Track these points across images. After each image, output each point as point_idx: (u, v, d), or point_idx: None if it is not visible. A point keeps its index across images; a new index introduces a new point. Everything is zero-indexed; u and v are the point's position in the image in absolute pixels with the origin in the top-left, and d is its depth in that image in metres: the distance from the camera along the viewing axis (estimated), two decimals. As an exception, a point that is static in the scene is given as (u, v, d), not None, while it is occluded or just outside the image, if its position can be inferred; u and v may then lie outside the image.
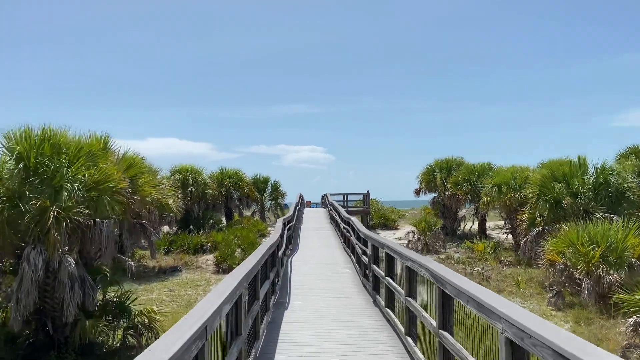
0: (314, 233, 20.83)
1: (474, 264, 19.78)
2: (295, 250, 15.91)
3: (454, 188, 25.48)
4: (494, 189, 20.90)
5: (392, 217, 32.56)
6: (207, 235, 25.37)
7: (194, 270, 19.79)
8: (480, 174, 25.15)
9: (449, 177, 26.82)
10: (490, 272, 18.20)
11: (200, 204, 28.00)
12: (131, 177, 10.88)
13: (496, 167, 25.75)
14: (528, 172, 21.20)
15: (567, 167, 15.70)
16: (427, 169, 28.49)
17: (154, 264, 21.32)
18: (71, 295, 8.24)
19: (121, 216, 9.91)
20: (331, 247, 16.77)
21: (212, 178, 30.09)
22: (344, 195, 34.39)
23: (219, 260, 19.24)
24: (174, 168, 27.98)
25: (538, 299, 14.05)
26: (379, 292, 7.72)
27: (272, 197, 33.69)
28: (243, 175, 31.18)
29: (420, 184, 28.96)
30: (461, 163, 27.82)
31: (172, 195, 20.14)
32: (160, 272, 19.49)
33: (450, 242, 25.15)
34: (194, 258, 22.53)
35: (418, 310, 4.82)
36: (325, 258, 14.34)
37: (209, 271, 19.58)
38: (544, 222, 15.58)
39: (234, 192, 30.58)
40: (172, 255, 22.99)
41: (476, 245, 21.39)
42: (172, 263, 21.03)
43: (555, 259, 12.61)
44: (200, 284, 17.19)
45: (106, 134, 10.77)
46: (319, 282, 10.27)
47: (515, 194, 20.25)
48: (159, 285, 17.34)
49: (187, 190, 27.30)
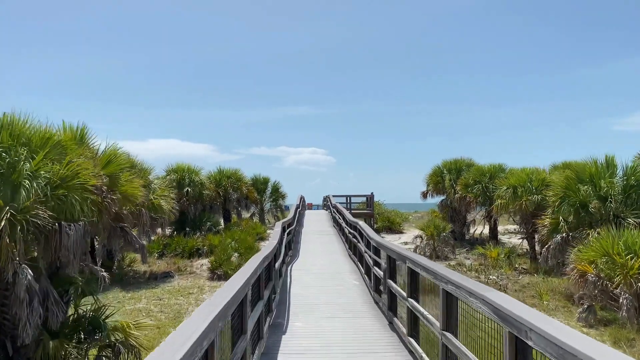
0: (316, 237, 19.48)
1: (487, 271, 18.45)
2: (295, 256, 14.56)
3: (464, 190, 24.14)
4: (508, 191, 19.56)
5: (397, 221, 31.21)
6: (203, 238, 24.08)
7: (187, 276, 18.48)
8: (492, 175, 23.82)
9: (458, 179, 25.49)
10: (507, 281, 16.88)
11: (197, 205, 26.70)
12: (110, 174, 9.55)
13: (508, 168, 24.42)
14: (544, 173, 19.87)
15: (594, 167, 14.35)
16: (434, 171, 27.15)
17: (145, 268, 20.03)
18: (29, 312, 6.93)
19: (96, 218, 8.56)
20: (335, 254, 15.39)
21: (209, 178, 28.78)
22: (347, 197, 33.01)
23: (214, 265, 17.93)
24: (170, 167, 26.70)
25: (564, 313, 12.72)
26: (396, 314, 6.42)
27: (272, 199, 32.32)
28: (242, 176, 29.86)
29: (428, 186, 27.60)
30: (471, 164, 26.49)
31: (165, 195, 18.86)
32: (152, 278, 18.18)
33: (460, 247, 23.81)
34: (188, 262, 21.24)
35: (463, 352, 3.52)
36: (328, 266, 12.96)
37: (203, 277, 18.26)
38: (568, 227, 14.22)
39: (232, 193, 29.24)
40: (165, 259, 21.71)
41: (489, 252, 20.04)
42: (165, 268, 19.73)
43: (586, 270, 11.27)
44: (192, 292, 15.87)
45: (83, 125, 9.46)
46: (322, 297, 8.87)
47: (532, 196, 18.91)
48: (149, 292, 16.02)
49: (183, 190, 26.01)
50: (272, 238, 8.83)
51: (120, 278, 17.74)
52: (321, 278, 10.96)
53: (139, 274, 19.01)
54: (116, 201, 9.47)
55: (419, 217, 43.46)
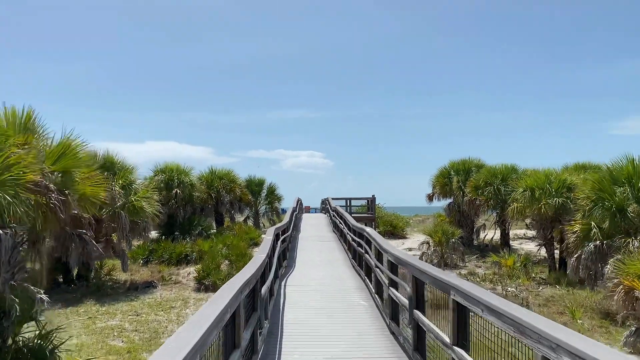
0: (314, 244, 17.64)
1: (503, 282, 16.71)
2: (291, 267, 12.70)
3: (474, 193, 22.43)
4: (525, 193, 17.82)
5: (400, 225, 29.46)
6: (192, 243, 22.29)
7: (171, 287, 16.68)
8: (504, 177, 22.10)
9: (467, 180, 23.78)
10: (527, 294, 15.14)
11: (187, 207, 24.92)
12: (63, 170, 7.76)
13: (521, 169, 22.73)
14: (565, 174, 18.15)
15: (631, 167, 12.63)
16: (441, 172, 25.41)
17: (127, 277, 18.24)
18: None
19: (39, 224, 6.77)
20: (336, 264, 13.51)
21: (200, 179, 27.01)
22: (347, 199, 31.21)
23: (201, 275, 16.13)
24: (158, 167, 24.92)
25: (603, 334, 10.96)
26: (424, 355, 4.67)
27: (268, 201, 30.51)
28: (235, 177, 28.08)
29: (434, 189, 25.86)
30: (480, 165, 24.79)
31: (147, 197, 17.07)
32: (132, 289, 16.37)
33: (469, 254, 22.06)
34: (175, 270, 19.46)
35: None
36: (330, 281, 10.90)
37: (189, 288, 16.47)
38: (602, 234, 12.49)
39: (225, 195, 27.46)
40: (151, 266, 19.94)
41: (504, 260, 18.31)
42: (148, 277, 17.93)
43: (634, 286, 9.53)
44: (175, 306, 14.07)
45: (30, 109, 7.66)
46: (324, 324, 6.99)
47: (552, 199, 17.19)
48: (126, 306, 14.22)
49: (171, 192, 24.22)
50: (261, 250, 6.96)
51: (97, 288, 15.96)
52: (321, 296, 9.05)
53: (119, 283, 17.21)
54: (69, 203, 7.67)
55: (420, 221, 41.75)
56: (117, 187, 16.17)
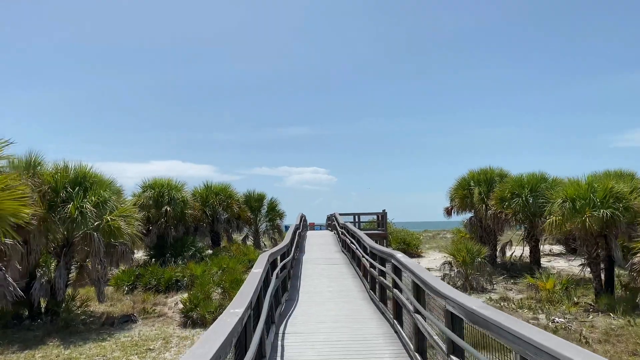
0: (321, 269, 15.01)
1: (545, 309, 14.17)
2: (293, 301, 9.89)
3: (499, 205, 19.94)
4: (565, 205, 15.32)
5: (414, 242, 26.90)
6: (183, 267, 19.84)
7: (154, 320, 14.19)
8: (532, 187, 19.63)
9: (490, 192, 21.33)
10: (578, 325, 12.58)
11: (178, 227, 22.49)
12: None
13: (551, 177, 20.27)
14: (612, 181, 15.66)
15: None
16: (460, 183, 22.94)
17: (105, 308, 15.77)
18: None
19: None
20: (350, 297, 10.62)
21: (194, 195, 24.63)
22: (355, 215, 28.66)
23: (188, 307, 13.63)
24: (146, 183, 22.55)
25: None
26: None
27: (269, 218, 28.01)
28: (233, 192, 25.66)
29: (452, 202, 23.36)
30: (503, 174, 22.35)
31: (125, 215, 14.66)
32: (107, 324, 13.89)
33: (494, 274, 19.48)
34: (162, 298, 17.02)
35: None
36: (345, 325, 7.73)
37: (175, 321, 13.99)
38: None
39: (221, 213, 25.04)
40: (135, 294, 17.50)
41: (541, 282, 15.75)
42: (130, 308, 15.45)
43: None
44: (153, 348, 11.56)
45: None
46: None
47: (597, 211, 14.69)
48: (95, 347, 11.73)
49: (161, 209, 21.83)
50: (239, 296, 4.49)
51: (66, 324, 13.49)
52: (335, 353, 6.17)
53: (94, 317, 14.73)
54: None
55: (431, 237, 39.25)
56: (89, 205, 13.80)
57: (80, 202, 13.78)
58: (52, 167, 14.76)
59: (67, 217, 13.74)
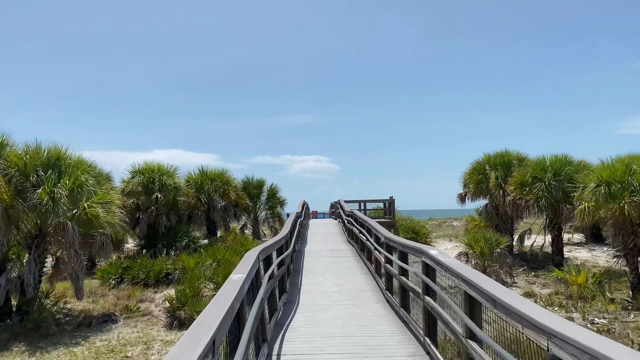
0: (326, 262, 13.18)
1: (578, 307, 12.54)
2: (293, 304, 8.05)
3: (519, 191, 18.23)
4: (599, 189, 13.62)
5: (423, 231, 25.24)
6: (174, 259, 18.28)
7: (137, 320, 12.62)
8: (556, 170, 17.90)
9: (508, 176, 19.63)
10: (622, 326, 10.97)
11: (170, 215, 20.85)
12: None
13: (576, 160, 18.53)
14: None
15: None
16: (475, 167, 21.22)
17: (85, 306, 14.20)
18: None
19: None
20: (361, 298, 8.64)
21: (188, 181, 22.98)
22: (360, 202, 26.95)
23: (175, 305, 12.03)
24: (135, 168, 20.89)
25: None
26: None
27: (269, 206, 26.33)
28: (230, 178, 23.99)
29: (466, 187, 21.65)
30: (521, 158, 20.64)
31: (105, 202, 13.02)
32: (84, 324, 12.31)
33: (514, 266, 17.83)
34: (151, 294, 15.47)
35: None
36: (359, 341, 5.91)
37: (160, 321, 12.40)
38: None
39: (217, 200, 23.40)
40: (122, 289, 15.95)
41: (571, 276, 14.10)
42: (112, 305, 13.86)
43: None
44: (131, 355, 9.96)
45: None
46: None
47: (638, 196, 13.01)
48: (65, 354, 10.17)
49: (151, 197, 20.19)
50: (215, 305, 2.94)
51: (37, 325, 11.90)
52: None
53: (71, 315, 13.16)
54: None
55: (437, 225, 37.67)
56: (62, 190, 12.16)
57: (52, 187, 12.14)
58: (23, 149, 13.13)
59: (37, 203, 12.13)
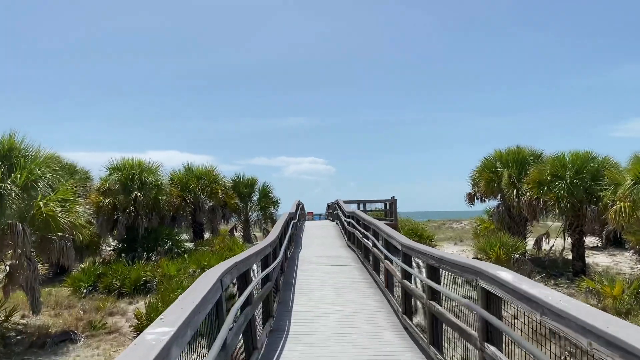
0: (324, 272, 10.95)
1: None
2: (280, 340, 6.01)
3: (536, 191, 16.45)
4: (636, 188, 11.86)
5: (427, 234, 23.45)
6: (154, 264, 16.44)
7: (101, 339, 10.73)
8: (579, 168, 16.15)
9: (522, 174, 17.88)
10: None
11: (151, 216, 18.95)
12: None
13: (600, 157, 16.77)
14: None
15: None
16: (485, 164, 19.45)
17: (45, 320, 12.28)
18: None
19: None
20: (374, 328, 6.50)
21: (172, 180, 21.11)
22: (359, 202, 25.09)
23: (144, 323, 10.14)
24: (113, 164, 18.99)
25: None
26: None
27: (260, 207, 24.47)
28: (218, 176, 22.11)
29: (475, 186, 19.87)
30: (537, 155, 18.90)
31: (65, 200, 11.14)
32: (37, 345, 10.41)
33: (532, 272, 16.04)
34: (125, 305, 13.68)
35: None
36: None
37: (128, 340, 10.52)
38: None
39: (204, 200, 21.54)
40: (93, 298, 14.14)
41: (605, 287, 12.32)
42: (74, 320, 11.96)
43: None
44: (83, 388, 8.08)
45: None
46: None
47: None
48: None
49: (130, 196, 18.31)
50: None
51: None
52: None
53: (26, 333, 11.25)
54: None
55: (437, 227, 36.06)
56: (11, 186, 10.28)
57: (0, 182, 10.27)
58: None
59: (-19, 202, 10.26)
